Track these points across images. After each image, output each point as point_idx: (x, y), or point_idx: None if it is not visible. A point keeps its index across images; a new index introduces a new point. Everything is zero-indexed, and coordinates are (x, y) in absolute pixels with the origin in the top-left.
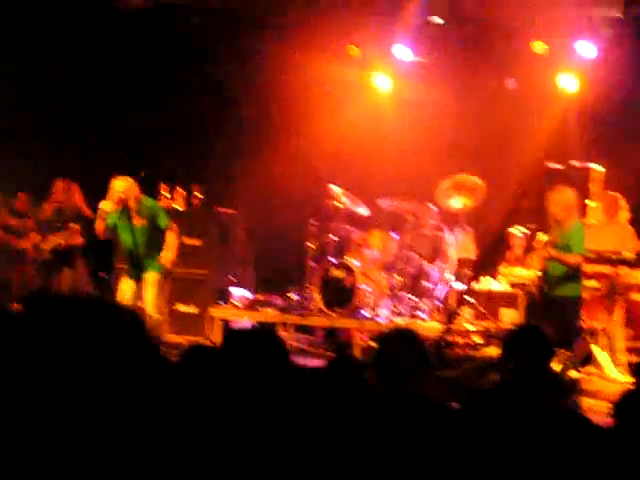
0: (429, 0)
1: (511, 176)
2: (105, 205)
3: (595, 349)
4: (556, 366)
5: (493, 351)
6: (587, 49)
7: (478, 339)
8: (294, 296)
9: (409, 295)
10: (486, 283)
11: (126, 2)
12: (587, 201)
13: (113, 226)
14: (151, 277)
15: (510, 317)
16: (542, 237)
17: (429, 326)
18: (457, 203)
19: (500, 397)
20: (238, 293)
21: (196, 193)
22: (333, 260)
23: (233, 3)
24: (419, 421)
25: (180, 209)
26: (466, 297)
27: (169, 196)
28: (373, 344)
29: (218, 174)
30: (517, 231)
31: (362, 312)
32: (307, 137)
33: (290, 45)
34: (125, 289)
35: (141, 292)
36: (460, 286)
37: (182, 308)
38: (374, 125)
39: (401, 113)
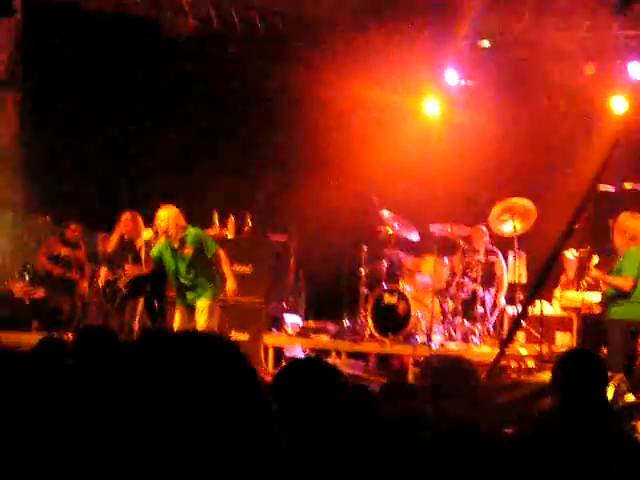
0: (479, 24)
1: (563, 199)
2: (146, 235)
3: None
4: (611, 390)
5: (547, 376)
6: (637, 70)
7: (532, 363)
8: (347, 322)
9: (462, 320)
10: (540, 307)
11: (172, 32)
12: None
13: (159, 256)
14: (202, 304)
15: (565, 341)
16: (594, 260)
17: (482, 351)
18: (509, 227)
19: (552, 424)
20: (290, 320)
21: (247, 221)
22: (386, 286)
23: (279, 30)
24: (471, 452)
25: (230, 237)
26: (520, 321)
27: (219, 224)
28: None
29: (269, 202)
30: (570, 254)
31: (415, 338)
32: (358, 163)
33: (340, 72)
34: (177, 317)
35: (193, 320)
36: (513, 310)
37: (235, 336)
38: (424, 150)
39: (451, 137)
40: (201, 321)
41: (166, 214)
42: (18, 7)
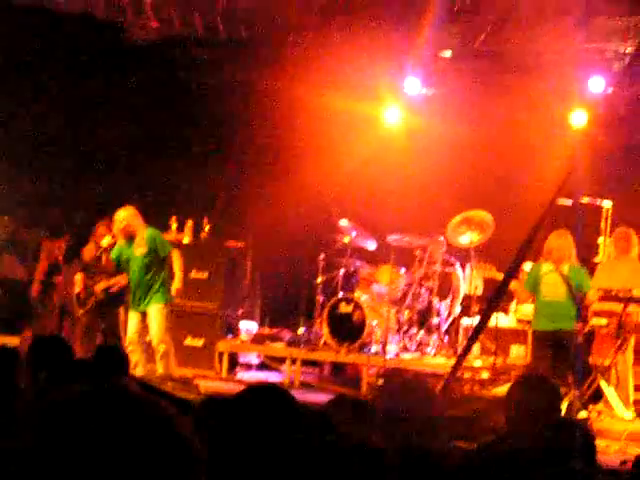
0: (441, 34)
1: (521, 211)
2: (104, 241)
3: (605, 387)
4: (564, 405)
5: (501, 389)
6: (598, 84)
7: (486, 375)
8: (302, 330)
9: (417, 330)
10: (495, 319)
11: (134, 34)
12: (599, 238)
13: (117, 257)
14: (155, 308)
15: (519, 353)
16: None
17: (437, 362)
18: (467, 239)
19: (502, 450)
20: (246, 326)
21: (205, 226)
22: (342, 295)
23: (240, 37)
24: (416, 474)
25: (187, 241)
26: (478, 333)
27: (175, 228)
28: (379, 382)
29: (227, 208)
30: (527, 267)
31: (370, 347)
32: (316, 171)
33: (299, 79)
34: (131, 322)
35: (146, 325)
36: (468, 322)
37: (190, 342)
38: (384, 159)
39: (411, 147)
40: (153, 328)
41: (124, 214)
42: None
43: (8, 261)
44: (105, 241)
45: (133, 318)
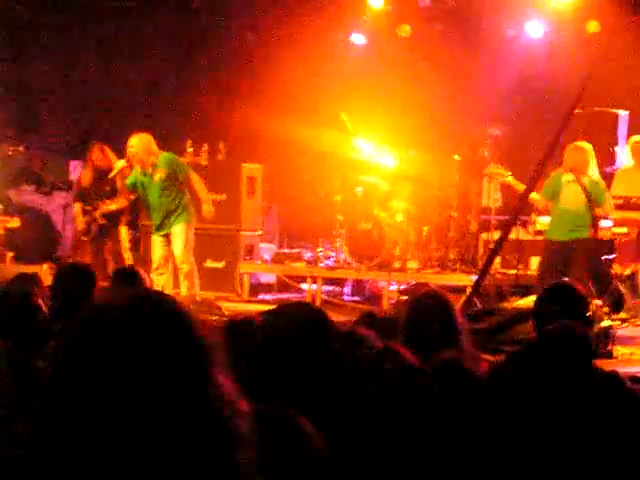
0: None
1: (539, 124)
2: (119, 164)
3: (627, 295)
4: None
5: (524, 301)
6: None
7: (508, 288)
8: (322, 249)
9: (437, 246)
10: (515, 232)
11: None
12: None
13: (133, 183)
14: (178, 229)
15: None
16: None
17: (458, 277)
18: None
19: (531, 357)
20: (266, 247)
21: (221, 149)
22: (360, 213)
23: None
24: (449, 391)
25: (204, 164)
26: (499, 247)
27: (191, 151)
28: (402, 297)
29: (242, 130)
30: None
31: (390, 264)
32: (332, 90)
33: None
34: (155, 245)
35: (170, 248)
36: (488, 236)
37: (210, 264)
38: (398, 75)
39: (423, 62)
40: (177, 248)
41: (137, 140)
42: None
43: (27, 191)
44: (119, 164)
45: (157, 243)
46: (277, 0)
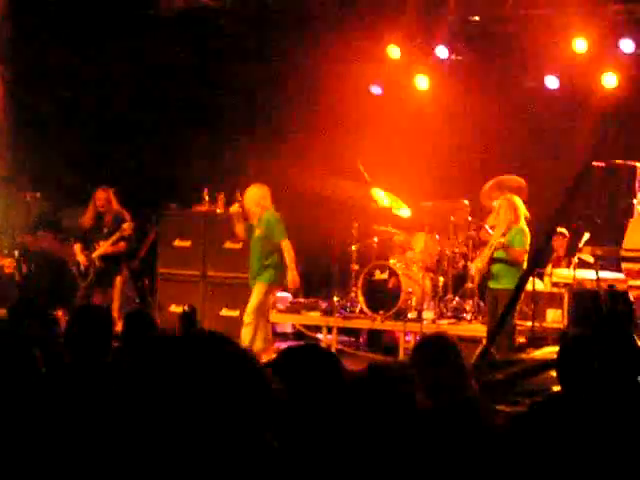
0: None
1: (555, 176)
2: (234, 208)
3: None
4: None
5: (540, 353)
6: (627, 45)
7: (523, 340)
8: (338, 299)
9: (453, 296)
10: (531, 283)
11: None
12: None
13: (248, 231)
14: (259, 285)
15: (555, 318)
16: (585, 237)
17: (474, 327)
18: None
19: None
20: (281, 296)
21: (237, 197)
22: (376, 263)
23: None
24: (455, 433)
25: (220, 211)
26: (516, 301)
27: (208, 200)
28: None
29: (259, 178)
30: (560, 231)
31: (406, 315)
32: (349, 140)
33: (328, 48)
34: (252, 295)
35: None
36: None
37: (226, 312)
38: (415, 126)
39: (441, 114)
40: (250, 302)
41: (250, 192)
42: None
43: (44, 237)
44: (233, 208)
45: (252, 292)
46: (295, 49)
